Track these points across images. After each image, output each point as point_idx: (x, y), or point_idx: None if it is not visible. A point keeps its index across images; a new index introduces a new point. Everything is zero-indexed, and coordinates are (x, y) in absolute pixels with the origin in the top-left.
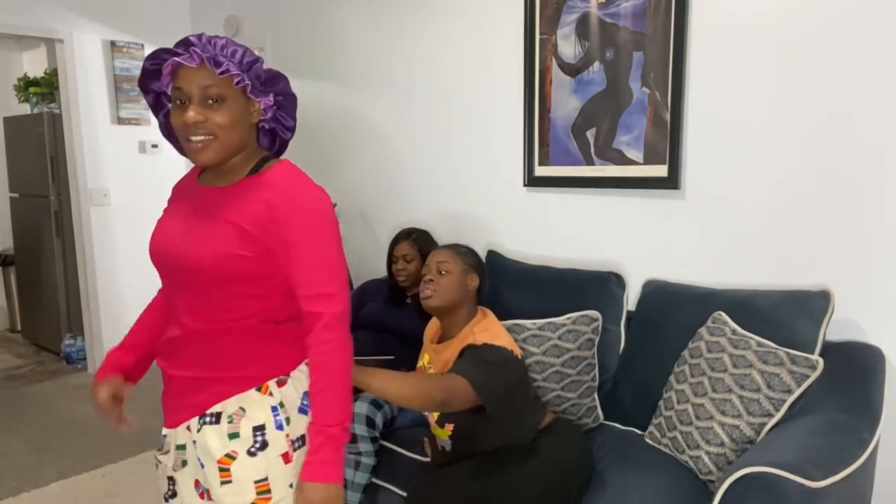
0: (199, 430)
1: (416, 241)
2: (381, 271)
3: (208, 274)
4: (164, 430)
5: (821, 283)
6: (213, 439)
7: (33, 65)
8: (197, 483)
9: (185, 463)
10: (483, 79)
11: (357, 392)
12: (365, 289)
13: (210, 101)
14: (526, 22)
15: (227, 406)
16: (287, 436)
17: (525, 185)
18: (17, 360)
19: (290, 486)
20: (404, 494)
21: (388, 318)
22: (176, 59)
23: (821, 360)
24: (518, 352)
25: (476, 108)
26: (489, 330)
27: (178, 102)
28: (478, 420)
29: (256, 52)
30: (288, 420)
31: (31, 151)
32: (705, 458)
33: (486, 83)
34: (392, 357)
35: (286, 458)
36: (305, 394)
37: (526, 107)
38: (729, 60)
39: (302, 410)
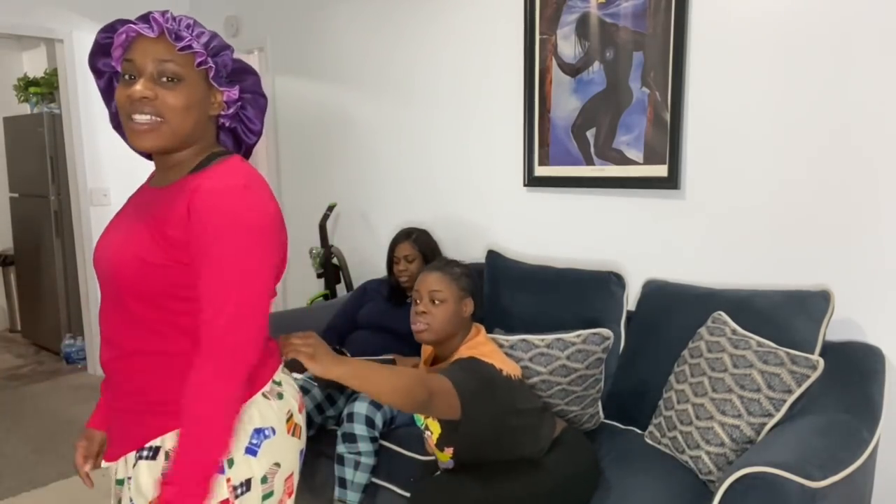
0: (133, 466)
1: (417, 241)
2: (381, 271)
3: (129, 284)
4: (104, 463)
5: (821, 283)
6: (145, 477)
7: (33, 65)
8: None
9: (120, 501)
10: (483, 79)
11: (356, 391)
12: (365, 289)
13: (164, 79)
14: (526, 22)
15: (167, 440)
16: (228, 480)
17: (525, 185)
18: (17, 360)
19: None
20: (403, 494)
21: (388, 318)
22: (132, 26)
23: (821, 361)
24: (511, 370)
25: (476, 108)
26: (476, 349)
27: (126, 77)
28: (477, 441)
29: (256, 52)
30: (231, 462)
31: (31, 151)
32: (705, 457)
33: (486, 83)
34: (393, 357)
35: None
36: (256, 431)
37: (526, 107)
38: (729, 60)
39: (250, 451)
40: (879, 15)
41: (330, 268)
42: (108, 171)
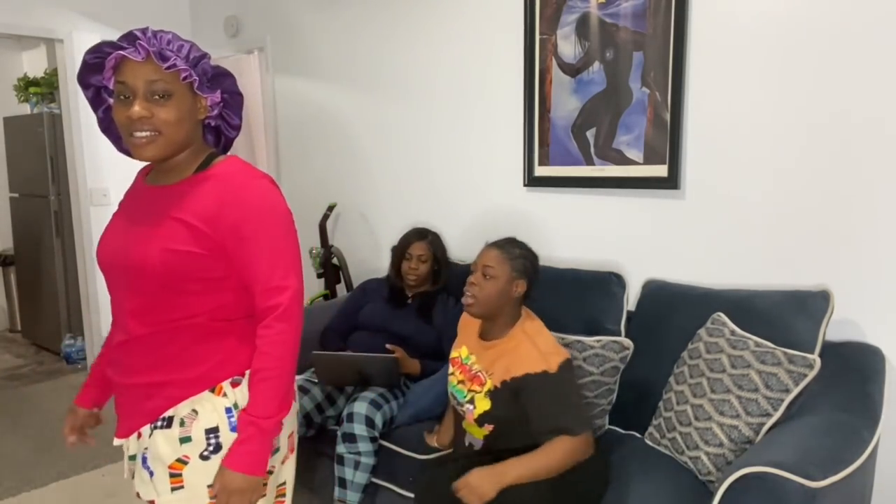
0: (150, 436)
1: (432, 243)
2: (380, 271)
3: (153, 273)
4: (116, 441)
5: (821, 283)
6: (163, 445)
7: (33, 65)
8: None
9: (133, 475)
10: (483, 79)
11: (356, 391)
12: (365, 289)
13: (156, 97)
14: (526, 22)
15: (180, 409)
16: None
17: (525, 185)
18: (17, 360)
19: None
20: (403, 493)
21: (388, 319)
22: (120, 52)
23: (818, 359)
24: (568, 355)
25: (476, 108)
26: (542, 334)
27: (121, 97)
28: (520, 425)
29: (256, 52)
30: None
31: (31, 151)
32: (704, 458)
33: (486, 83)
34: (395, 356)
35: None
36: None
37: (526, 107)
38: (729, 60)
39: None
40: (879, 16)
41: (330, 268)
42: (108, 171)
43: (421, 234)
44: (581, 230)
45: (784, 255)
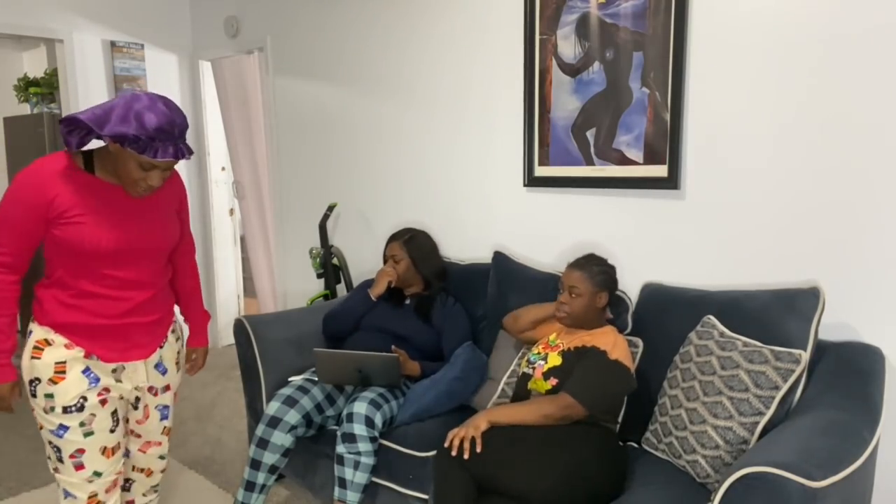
0: (161, 348)
1: (407, 244)
2: None
3: (173, 246)
4: (141, 361)
5: (820, 283)
6: (173, 345)
7: (33, 65)
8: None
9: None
10: (483, 79)
11: (356, 391)
12: (367, 289)
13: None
14: (526, 22)
15: (171, 329)
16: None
17: (525, 185)
18: (17, 360)
19: None
20: (403, 491)
21: (388, 319)
22: (181, 157)
23: (804, 354)
24: (631, 370)
25: (476, 108)
26: (623, 341)
27: (144, 166)
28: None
29: (256, 52)
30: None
31: (31, 151)
32: (702, 461)
33: (486, 83)
34: (396, 356)
35: None
36: None
37: (526, 107)
38: (729, 60)
39: None
40: (879, 17)
41: (330, 268)
42: None
43: (398, 235)
44: (581, 230)
45: (784, 255)
